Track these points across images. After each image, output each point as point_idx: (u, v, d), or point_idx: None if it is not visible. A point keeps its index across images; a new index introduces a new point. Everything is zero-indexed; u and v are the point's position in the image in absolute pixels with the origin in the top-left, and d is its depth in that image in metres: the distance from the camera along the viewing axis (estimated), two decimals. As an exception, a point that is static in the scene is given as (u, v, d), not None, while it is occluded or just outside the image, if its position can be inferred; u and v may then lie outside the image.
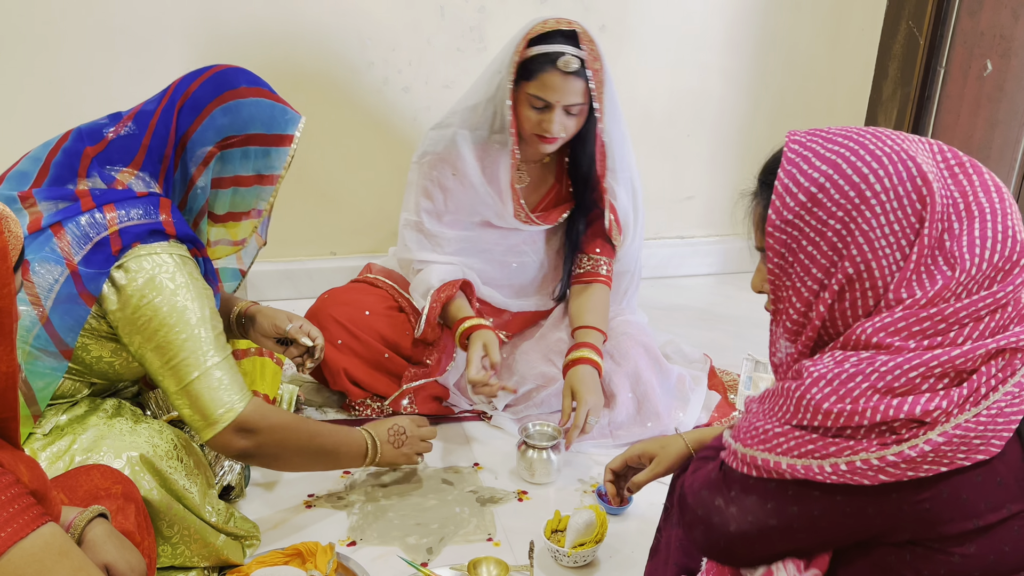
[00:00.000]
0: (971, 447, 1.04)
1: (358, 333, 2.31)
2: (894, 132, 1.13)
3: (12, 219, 1.11)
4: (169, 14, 2.63)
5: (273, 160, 1.73)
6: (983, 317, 1.06)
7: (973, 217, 1.08)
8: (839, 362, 1.08)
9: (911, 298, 1.07)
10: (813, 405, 1.08)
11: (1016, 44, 2.66)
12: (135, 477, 1.59)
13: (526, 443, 2.12)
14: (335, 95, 2.82)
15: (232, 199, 1.74)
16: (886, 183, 1.08)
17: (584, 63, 2.10)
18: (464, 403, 2.39)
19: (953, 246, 1.07)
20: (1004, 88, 2.70)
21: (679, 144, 3.17)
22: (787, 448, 1.10)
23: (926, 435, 1.03)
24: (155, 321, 1.59)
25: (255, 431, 1.68)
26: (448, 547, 1.90)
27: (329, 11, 2.73)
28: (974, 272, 1.05)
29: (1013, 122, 2.67)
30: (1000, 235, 1.07)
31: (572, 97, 2.11)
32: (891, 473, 1.04)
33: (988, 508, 1.05)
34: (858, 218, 1.09)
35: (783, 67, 3.14)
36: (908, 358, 1.05)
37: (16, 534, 1.03)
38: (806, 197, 1.11)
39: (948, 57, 2.91)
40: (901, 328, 1.06)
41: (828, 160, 1.10)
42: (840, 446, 1.06)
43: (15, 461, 1.08)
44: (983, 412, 1.04)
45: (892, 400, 1.04)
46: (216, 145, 1.68)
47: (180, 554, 1.69)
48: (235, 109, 1.68)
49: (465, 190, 2.30)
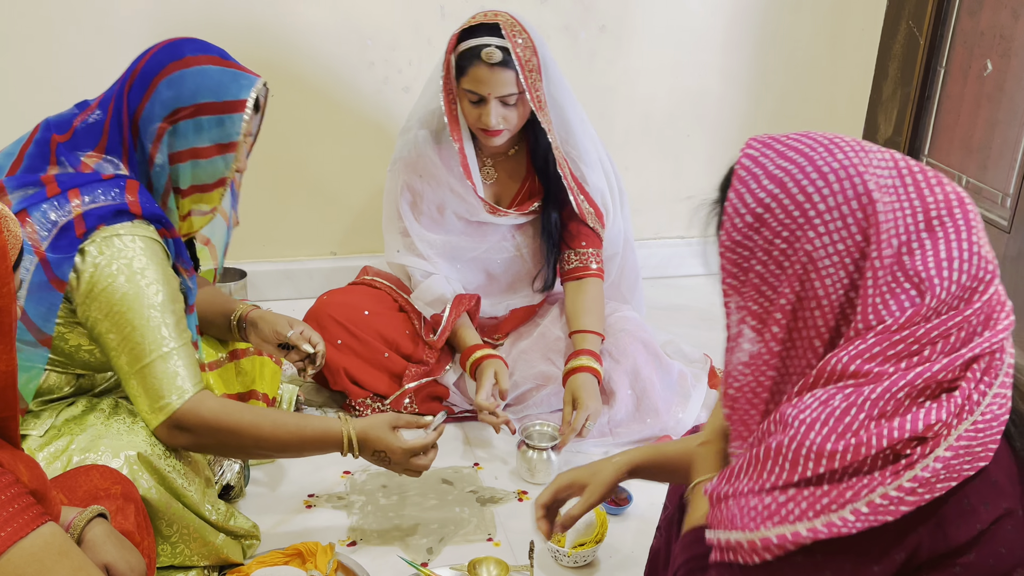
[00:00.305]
0: (974, 456, 1.03)
1: (358, 333, 2.31)
2: (851, 143, 1.11)
3: (11, 218, 1.11)
4: (169, 14, 2.64)
5: (228, 128, 1.67)
6: (952, 333, 1.05)
7: (936, 235, 1.06)
8: (825, 401, 1.05)
9: (881, 324, 1.05)
10: (815, 451, 1.04)
11: (1016, 44, 2.66)
12: (133, 476, 1.58)
13: (526, 443, 2.12)
14: (335, 95, 2.82)
15: (193, 172, 1.69)
16: (829, 202, 1.06)
17: (510, 53, 2.12)
18: (464, 403, 2.39)
19: (918, 264, 1.05)
20: (1004, 88, 2.70)
21: (679, 144, 3.17)
22: (801, 512, 1.05)
23: (933, 453, 1.02)
24: (114, 303, 1.56)
25: (190, 430, 1.62)
26: (448, 547, 1.90)
27: (329, 11, 2.73)
28: (944, 296, 1.04)
29: (1013, 122, 2.67)
30: (967, 253, 1.05)
31: (503, 88, 2.13)
32: (911, 502, 1.02)
33: (987, 510, 1.05)
34: (802, 238, 1.08)
35: (783, 67, 3.14)
36: (894, 380, 1.03)
37: (16, 534, 1.02)
38: (753, 218, 1.10)
39: (948, 57, 2.91)
40: (876, 354, 1.05)
41: (775, 178, 1.09)
42: (855, 488, 1.03)
43: (15, 461, 1.08)
44: (979, 419, 1.04)
45: (891, 423, 1.03)
46: (165, 120, 1.63)
47: (180, 553, 1.69)
48: (179, 80, 1.63)
49: (434, 190, 2.33)
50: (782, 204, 1.09)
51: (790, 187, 1.08)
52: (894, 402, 1.03)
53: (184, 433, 1.62)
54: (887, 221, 1.05)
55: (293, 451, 1.74)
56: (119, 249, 1.57)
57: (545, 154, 2.31)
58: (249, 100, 1.67)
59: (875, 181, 1.07)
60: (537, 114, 2.20)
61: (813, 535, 1.03)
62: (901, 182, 1.08)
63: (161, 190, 1.69)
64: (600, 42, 2.96)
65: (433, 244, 2.39)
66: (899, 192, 1.07)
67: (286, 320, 1.98)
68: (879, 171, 1.08)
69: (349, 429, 1.73)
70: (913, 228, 1.05)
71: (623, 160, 3.07)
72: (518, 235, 2.43)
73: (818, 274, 1.08)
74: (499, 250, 2.43)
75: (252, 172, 2.84)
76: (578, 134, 2.31)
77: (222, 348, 2.04)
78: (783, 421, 1.08)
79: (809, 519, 1.04)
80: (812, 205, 1.07)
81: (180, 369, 1.60)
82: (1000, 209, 2.72)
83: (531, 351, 2.39)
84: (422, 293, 2.37)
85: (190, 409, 1.60)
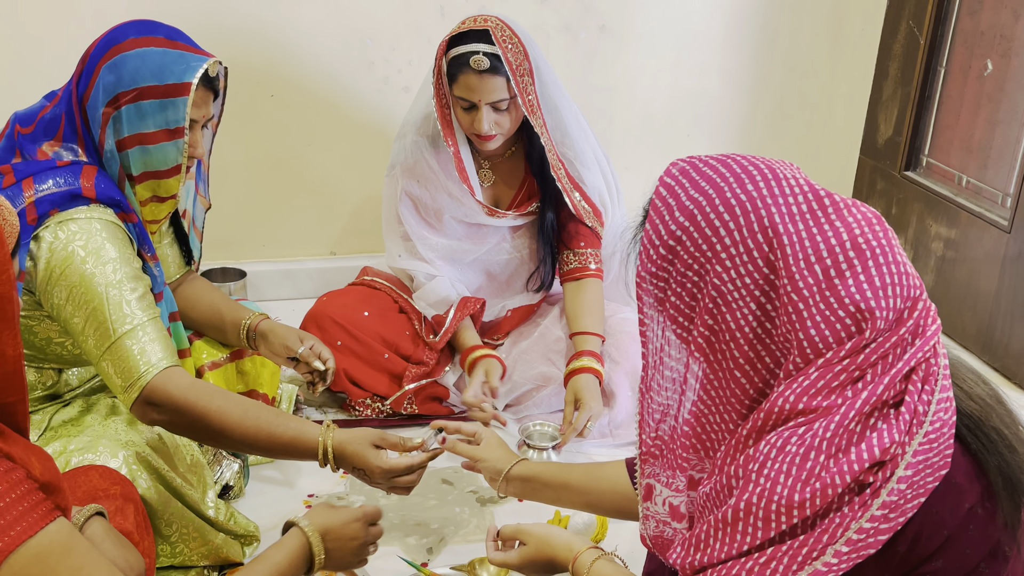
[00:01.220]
0: (934, 467, 1.03)
1: (357, 334, 2.31)
2: (765, 171, 1.10)
3: (8, 208, 1.11)
4: (169, 14, 2.63)
5: (172, 113, 1.62)
6: (890, 353, 1.04)
7: (865, 257, 1.04)
8: (781, 448, 1.04)
9: (820, 357, 1.04)
10: (785, 504, 1.02)
11: (1016, 44, 2.66)
12: (132, 475, 1.58)
13: (526, 443, 2.12)
14: (335, 95, 2.82)
15: (143, 159, 1.64)
16: (735, 236, 1.07)
17: (499, 59, 2.12)
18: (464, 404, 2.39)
19: (852, 292, 1.03)
20: (1004, 88, 2.70)
21: (679, 144, 3.17)
22: (785, 568, 1.03)
23: (895, 475, 1.01)
24: (74, 285, 1.53)
25: (160, 406, 1.55)
26: (448, 547, 1.90)
27: (329, 11, 2.73)
28: (882, 326, 1.03)
29: (1013, 122, 2.67)
30: (897, 276, 1.04)
31: (493, 94, 2.14)
32: (886, 529, 1.02)
33: (951, 514, 1.05)
34: (711, 271, 1.09)
35: (783, 67, 3.13)
36: (844, 413, 1.02)
37: (23, 534, 1.03)
38: (666, 250, 1.11)
39: (948, 57, 2.91)
40: (821, 388, 1.04)
41: (687, 211, 1.10)
42: (830, 530, 1.02)
43: (27, 454, 1.08)
44: (930, 430, 1.03)
45: (848, 456, 1.02)
46: (108, 105, 1.60)
47: (179, 552, 1.68)
48: (119, 65, 1.59)
49: (432, 195, 2.34)
50: (692, 237, 1.09)
51: (699, 220, 1.09)
52: (847, 434, 1.02)
53: (155, 409, 1.55)
54: (799, 251, 1.04)
55: (261, 449, 1.61)
56: (74, 232, 1.54)
57: (541, 156, 2.31)
58: (194, 83, 1.62)
59: (781, 212, 1.06)
60: (529, 118, 2.20)
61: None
62: (813, 207, 1.07)
63: (115, 177, 1.65)
64: (600, 42, 2.95)
65: (435, 247, 2.39)
66: (811, 219, 1.06)
67: (296, 334, 1.95)
68: (790, 200, 1.07)
69: (327, 440, 1.60)
70: (839, 251, 1.04)
71: (623, 160, 3.07)
72: (516, 236, 2.43)
73: (728, 307, 1.08)
74: (498, 251, 2.43)
75: (252, 172, 2.86)
76: (574, 134, 2.31)
77: (223, 348, 2.04)
78: (745, 476, 1.06)
79: (794, 573, 1.03)
80: (719, 239, 1.08)
81: (147, 344, 1.55)
82: (1000, 209, 2.72)
83: (531, 352, 2.39)
84: (426, 294, 2.37)
85: (159, 384, 1.53)
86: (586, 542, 1.39)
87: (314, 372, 1.94)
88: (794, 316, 1.04)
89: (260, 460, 2.13)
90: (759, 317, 1.07)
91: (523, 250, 2.45)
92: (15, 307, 1.05)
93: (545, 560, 1.42)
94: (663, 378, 1.18)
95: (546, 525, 1.47)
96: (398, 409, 2.31)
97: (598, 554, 1.36)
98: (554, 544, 1.40)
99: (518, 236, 2.43)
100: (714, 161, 1.12)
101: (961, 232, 2.83)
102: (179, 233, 1.96)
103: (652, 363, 1.19)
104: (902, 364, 1.04)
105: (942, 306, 2.91)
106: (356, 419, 2.32)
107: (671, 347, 1.15)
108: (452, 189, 2.31)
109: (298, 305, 2.81)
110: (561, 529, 1.45)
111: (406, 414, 2.32)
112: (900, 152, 3.06)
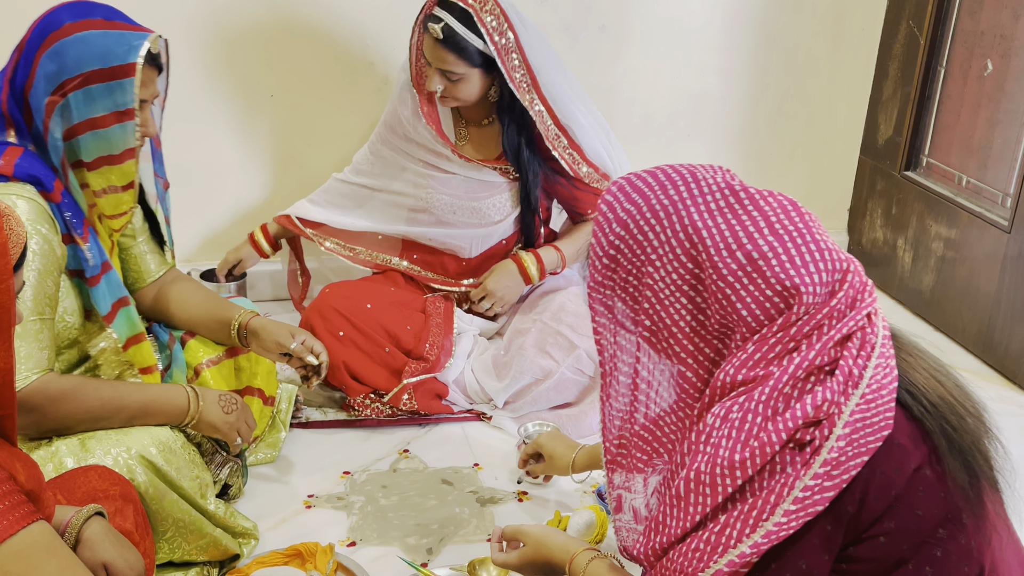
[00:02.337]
0: (875, 427, 1.09)
1: (360, 325, 2.31)
2: (685, 175, 1.20)
3: (14, 217, 1.11)
4: (169, 14, 2.63)
5: (120, 96, 1.60)
6: (824, 324, 1.11)
7: (784, 240, 1.12)
8: (724, 416, 1.11)
9: (756, 334, 1.12)
10: (727, 465, 1.09)
11: (1016, 44, 2.66)
12: (130, 471, 1.58)
13: (526, 443, 2.12)
14: (335, 95, 2.82)
15: (96, 144, 1.63)
16: (661, 238, 1.17)
17: (458, 36, 2.20)
18: (463, 402, 2.39)
19: (778, 272, 1.11)
20: (1004, 88, 2.70)
21: (679, 144, 3.16)
22: (739, 533, 1.09)
23: (833, 433, 1.07)
24: None
25: (36, 409, 1.56)
26: (448, 547, 1.90)
27: (329, 11, 2.73)
28: (810, 300, 1.11)
29: (1013, 122, 2.67)
30: (819, 253, 1.12)
31: (443, 64, 2.24)
32: (831, 486, 1.07)
33: (897, 473, 1.09)
34: (645, 275, 1.19)
35: (783, 67, 3.13)
36: (778, 377, 1.10)
37: (5, 531, 1.03)
38: (608, 259, 1.22)
39: (948, 57, 2.91)
40: (758, 360, 1.12)
41: (621, 221, 1.21)
42: (776, 489, 1.08)
43: (12, 459, 1.08)
44: (867, 391, 1.09)
45: (784, 416, 1.08)
46: (53, 93, 1.58)
47: (178, 547, 1.68)
48: (60, 52, 1.57)
49: (408, 127, 2.42)
50: (628, 245, 1.20)
51: (632, 228, 1.20)
52: (782, 397, 1.09)
53: (27, 414, 1.55)
54: (719, 241, 1.13)
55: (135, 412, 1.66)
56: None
57: (517, 147, 2.38)
58: (139, 63, 1.61)
59: (700, 211, 1.16)
60: (517, 94, 2.27)
61: (756, 550, 1.08)
62: (731, 202, 1.16)
63: (58, 164, 1.64)
64: (600, 42, 2.95)
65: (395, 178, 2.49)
66: (729, 212, 1.15)
67: (287, 330, 1.95)
68: (708, 199, 1.17)
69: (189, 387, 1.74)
70: (758, 237, 1.12)
71: (623, 160, 3.07)
72: (501, 191, 2.46)
73: (662, 305, 1.18)
74: (478, 197, 2.46)
75: (252, 172, 2.86)
76: (565, 100, 2.35)
77: (218, 346, 2.03)
78: (693, 450, 1.14)
79: (748, 536, 1.08)
80: (648, 243, 1.19)
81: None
82: (1000, 209, 2.72)
83: (530, 345, 2.38)
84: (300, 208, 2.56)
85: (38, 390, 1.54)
86: (583, 544, 1.41)
87: (307, 367, 1.95)
88: (724, 301, 1.12)
89: (259, 460, 2.13)
90: (691, 311, 1.17)
91: (506, 204, 2.47)
92: (12, 318, 1.06)
93: (543, 562, 1.43)
94: (619, 383, 1.26)
95: (545, 527, 1.49)
96: (397, 405, 2.31)
97: (593, 555, 1.38)
98: (551, 546, 1.42)
99: (501, 190, 2.45)
100: (645, 173, 1.23)
101: (961, 232, 2.83)
102: (153, 226, 1.95)
103: (608, 370, 1.27)
104: (834, 332, 1.11)
105: (942, 306, 2.92)
106: (355, 419, 2.32)
107: (623, 352, 1.24)
108: (418, 124, 2.38)
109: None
110: (559, 531, 1.47)
111: (406, 410, 2.32)
112: (900, 152, 3.06)
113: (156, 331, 1.98)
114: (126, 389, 1.69)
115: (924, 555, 1.09)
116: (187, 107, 2.72)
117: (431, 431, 2.31)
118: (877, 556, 1.09)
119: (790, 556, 1.09)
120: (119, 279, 1.78)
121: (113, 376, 1.81)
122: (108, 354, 1.79)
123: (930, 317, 2.98)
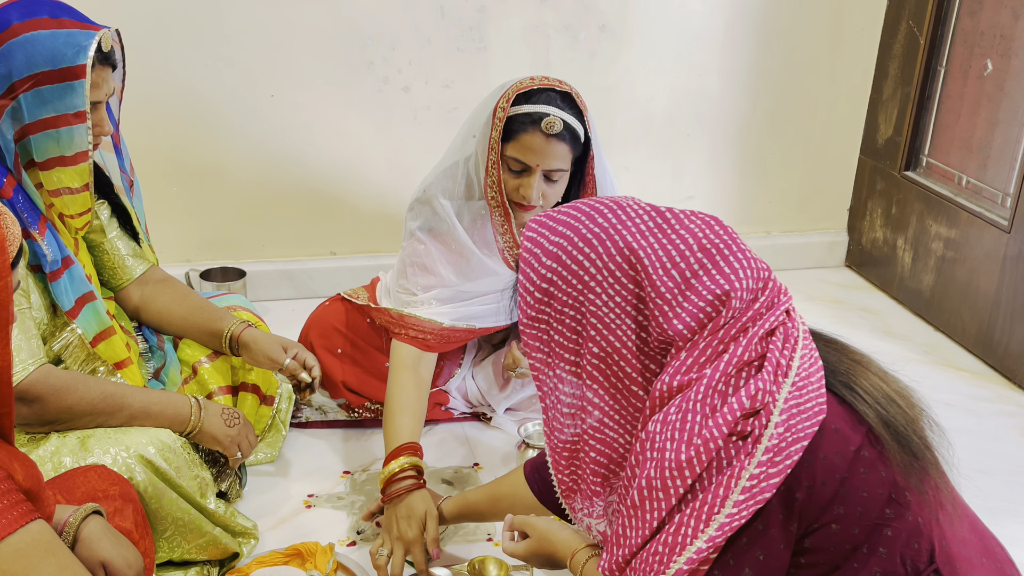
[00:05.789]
0: (810, 413, 1.13)
1: (358, 342, 2.29)
2: (610, 205, 1.24)
3: (10, 216, 1.11)
4: (168, 14, 2.64)
5: (71, 98, 1.57)
6: (749, 326, 1.16)
7: (713, 256, 1.18)
8: (664, 421, 1.15)
9: (688, 342, 1.16)
10: (676, 467, 1.12)
11: (1016, 44, 2.66)
12: (129, 469, 1.58)
13: (526, 443, 2.12)
14: (335, 95, 2.82)
15: (48, 144, 1.60)
16: (599, 263, 1.20)
17: (571, 127, 1.90)
18: (463, 406, 2.38)
19: (710, 285, 1.16)
20: (1004, 88, 2.70)
21: (679, 144, 3.17)
22: (693, 530, 1.12)
23: (771, 421, 1.11)
24: None
25: (38, 399, 1.56)
26: (448, 547, 1.90)
27: (329, 11, 2.73)
28: (738, 305, 1.16)
29: (1013, 122, 2.67)
30: (744, 262, 1.18)
31: (555, 161, 1.90)
32: (775, 473, 1.10)
33: (839, 457, 1.13)
34: (585, 302, 1.20)
35: (783, 67, 3.13)
36: (710, 376, 1.13)
37: (3, 530, 1.03)
38: (541, 293, 1.23)
39: (948, 57, 2.91)
40: (691, 364, 1.15)
41: (551, 254, 1.22)
42: (724, 483, 1.11)
43: (10, 459, 1.08)
44: (797, 380, 1.14)
45: (722, 411, 1.12)
46: (3, 97, 1.55)
47: (177, 546, 1.68)
48: (7, 55, 1.54)
49: (461, 260, 2.09)
50: (562, 276, 1.22)
51: (564, 259, 1.21)
52: (718, 394, 1.13)
53: (29, 404, 1.57)
54: (655, 261, 1.18)
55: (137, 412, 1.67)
56: None
57: None
58: (88, 64, 1.58)
59: (633, 233, 1.20)
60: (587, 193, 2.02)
61: (712, 544, 1.11)
62: (659, 222, 1.21)
63: (12, 166, 1.61)
64: (600, 42, 2.96)
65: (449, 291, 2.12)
66: (660, 233, 1.20)
67: (279, 343, 1.93)
68: (637, 222, 1.21)
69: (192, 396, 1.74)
70: (690, 255, 1.18)
71: (623, 160, 3.07)
72: None
73: (608, 329, 1.20)
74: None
75: (252, 172, 2.86)
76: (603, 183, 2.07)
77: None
78: (641, 459, 1.17)
79: (703, 531, 1.11)
80: (585, 271, 1.20)
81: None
82: (1000, 209, 2.72)
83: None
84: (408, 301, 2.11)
85: (39, 379, 1.55)
86: (584, 540, 1.42)
87: (300, 382, 1.94)
88: (661, 318, 1.16)
89: (259, 460, 2.13)
90: (636, 331, 1.19)
91: None
92: (10, 316, 1.06)
93: (547, 554, 1.47)
94: (562, 415, 1.28)
95: (550, 520, 1.51)
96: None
97: (592, 553, 1.40)
98: (554, 540, 1.46)
99: None
100: (566, 208, 1.26)
101: (961, 232, 2.83)
102: (125, 221, 1.92)
103: (549, 404, 1.28)
104: (757, 328, 1.15)
105: (942, 306, 2.92)
106: (356, 419, 2.32)
107: (564, 384, 1.26)
108: (477, 254, 2.07)
109: (298, 305, 2.82)
110: (564, 525, 1.49)
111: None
112: (900, 152, 3.07)
113: (145, 333, 1.98)
114: (128, 388, 1.70)
115: (876, 537, 1.13)
116: (187, 107, 2.72)
117: (431, 431, 2.31)
118: (832, 544, 1.13)
119: (747, 548, 1.12)
120: (83, 274, 1.75)
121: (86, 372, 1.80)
122: (74, 350, 1.75)
123: (930, 317, 2.99)
